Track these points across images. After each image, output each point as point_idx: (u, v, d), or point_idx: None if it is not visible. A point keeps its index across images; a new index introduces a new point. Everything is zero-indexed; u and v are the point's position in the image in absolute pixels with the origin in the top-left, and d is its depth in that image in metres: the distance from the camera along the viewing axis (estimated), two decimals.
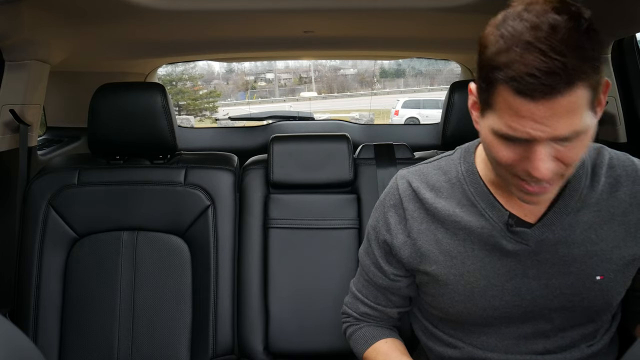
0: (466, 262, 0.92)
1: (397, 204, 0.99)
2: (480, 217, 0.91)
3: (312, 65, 13.86)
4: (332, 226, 1.47)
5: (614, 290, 0.91)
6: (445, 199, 0.95)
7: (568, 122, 0.73)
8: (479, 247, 0.92)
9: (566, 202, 0.90)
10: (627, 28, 1.37)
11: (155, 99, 1.41)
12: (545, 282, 0.90)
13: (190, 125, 6.25)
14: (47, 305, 1.39)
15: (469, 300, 0.93)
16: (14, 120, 1.46)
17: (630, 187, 0.91)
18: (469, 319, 0.95)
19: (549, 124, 0.73)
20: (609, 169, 0.93)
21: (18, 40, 1.35)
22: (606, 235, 0.90)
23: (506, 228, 0.89)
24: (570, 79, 0.70)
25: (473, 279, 0.92)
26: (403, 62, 10.37)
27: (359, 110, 10.39)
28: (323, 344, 1.40)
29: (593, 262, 0.89)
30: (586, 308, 0.91)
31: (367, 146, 1.58)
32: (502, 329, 0.94)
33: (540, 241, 0.89)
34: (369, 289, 1.07)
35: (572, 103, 0.72)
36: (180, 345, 1.38)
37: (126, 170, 1.49)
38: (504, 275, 0.91)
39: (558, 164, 0.77)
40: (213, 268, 1.41)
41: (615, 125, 1.51)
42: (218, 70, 13.51)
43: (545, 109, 0.72)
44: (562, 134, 0.74)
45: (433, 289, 0.97)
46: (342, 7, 1.46)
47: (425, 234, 0.95)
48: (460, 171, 0.96)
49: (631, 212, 0.91)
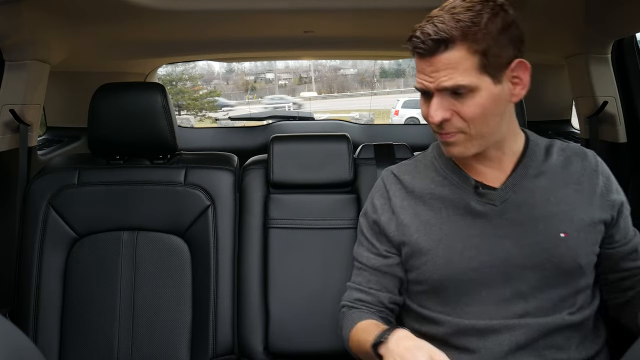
0: (443, 228, 1.04)
1: (381, 190, 1.14)
2: (451, 187, 1.06)
3: (312, 65, 13.86)
4: (332, 226, 1.47)
5: (579, 249, 1.01)
6: (421, 179, 1.10)
7: (449, 76, 0.93)
8: (453, 212, 1.04)
9: (524, 169, 1.04)
10: (627, 28, 1.37)
11: (155, 99, 1.41)
12: (515, 240, 1.01)
13: (190, 125, 6.25)
14: (47, 305, 1.39)
15: (449, 264, 1.02)
16: (14, 120, 1.46)
17: (580, 163, 1.07)
18: (451, 285, 1.03)
19: (434, 76, 0.94)
20: (561, 150, 1.09)
21: (18, 40, 1.35)
22: (563, 198, 1.03)
23: (474, 191, 1.03)
24: (445, 42, 0.92)
25: (451, 242, 1.03)
26: (403, 62, 10.36)
27: (359, 110, 10.38)
28: (323, 343, 1.40)
29: (555, 221, 1.01)
30: (556, 265, 1.00)
31: (367, 146, 1.58)
32: (483, 295, 1.01)
33: (505, 201, 1.02)
34: (362, 275, 1.13)
35: (450, 60, 0.93)
36: (180, 345, 1.38)
37: (126, 170, 1.49)
38: (478, 237, 1.02)
39: (456, 117, 0.96)
40: (213, 268, 1.41)
41: (615, 126, 1.51)
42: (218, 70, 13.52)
43: (429, 64, 0.95)
44: (446, 85, 0.94)
45: (417, 259, 1.05)
46: (342, 7, 1.46)
47: (406, 209, 1.08)
48: (433, 155, 1.13)
49: (583, 182, 1.05)
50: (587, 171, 1.06)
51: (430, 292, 1.06)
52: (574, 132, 2.15)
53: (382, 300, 1.11)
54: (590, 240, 1.03)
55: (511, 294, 1.00)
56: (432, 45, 0.93)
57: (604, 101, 1.49)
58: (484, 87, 0.94)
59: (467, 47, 0.92)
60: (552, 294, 1.00)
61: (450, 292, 1.03)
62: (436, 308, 1.06)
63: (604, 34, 1.41)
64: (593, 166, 1.07)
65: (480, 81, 0.94)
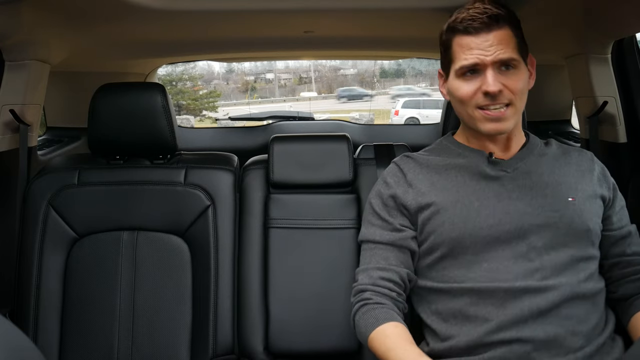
0: (460, 191, 1.12)
1: (393, 170, 1.21)
2: (465, 157, 1.16)
3: (312, 65, 13.82)
4: (332, 226, 1.47)
5: (586, 212, 1.10)
6: (435, 156, 1.20)
7: (504, 49, 1.05)
8: (469, 177, 1.13)
9: (529, 150, 1.16)
10: (627, 28, 1.37)
11: (155, 99, 1.41)
12: (527, 201, 1.09)
13: (190, 125, 6.25)
14: (47, 305, 1.39)
15: (468, 221, 1.08)
16: (14, 120, 1.46)
17: (577, 155, 1.19)
18: (469, 243, 1.08)
19: (490, 49, 1.05)
20: (558, 145, 1.21)
21: (18, 40, 1.35)
22: (567, 173, 1.14)
23: (487, 160, 1.13)
24: (497, 19, 1.05)
25: (467, 201, 1.10)
26: (403, 62, 10.36)
27: (359, 110, 10.37)
28: (323, 343, 1.40)
29: (562, 187, 1.11)
30: (567, 225, 1.08)
31: (367, 146, 1.58)
32: (500, 251, 1.07)
33: (515, 169, 1.13)
34: (377, 254, 1.15)
35: (502, 37, 1.05)
36: (180, 345, 1.38)
37: (126, 170, 1.49)
38: (493, 198, 1.10)
39: (505, 90, 1.06)
40: (213, 268, 1.41)
41: (615, 126, 1.51)
42: (218, 70, 13.48)
43: (485, 39, 1.05)
44: (502, 57, 1.05)
45: (435, 220, 1.11)
46: (342, 7, 1.46)
47: (422, 180, 1.16)
48: (442, 143, 1.23)
49: (582, 165, 1.17)
50: (584, 160, 1.18)
51: (448, 255, 1.10)
52: (574, 132, 2.15)
53: (402, 275, 1.13)
54: (594, 210, 1.12)
55: (527, 249, 1.06)
56: (488, 21, 1.05)
57: (604, 101, 1.49)
58: (522, 66, 1.09)
59: (510, 28, 1.07)
60: (564, 253, 1.06)
61: (468, 252, 1.08)
62: (454, 275, 1.09)
63: (604, 34, 1.41)
64: (589, 157, 1.20)
65: (520, 60, 1.08)
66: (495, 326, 1.02)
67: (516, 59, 1.07)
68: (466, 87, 1.08)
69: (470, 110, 1.09)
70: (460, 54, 1.07)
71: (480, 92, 1.06)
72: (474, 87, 1.07)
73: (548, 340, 1.00)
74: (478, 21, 1.05)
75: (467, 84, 1.08)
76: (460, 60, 1.08)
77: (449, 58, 1.11)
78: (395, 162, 1.22)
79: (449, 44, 1.10)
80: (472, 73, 1.08)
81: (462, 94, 1.09)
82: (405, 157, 1.22)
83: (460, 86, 1.09)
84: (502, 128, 1.09)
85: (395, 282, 1.12)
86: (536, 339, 1.00)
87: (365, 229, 1.20)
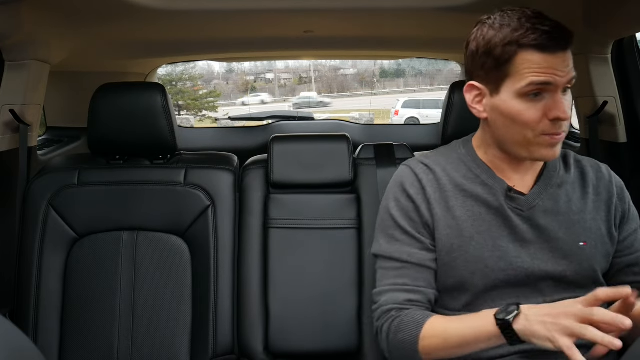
0: (475, 225, 1.05)
1: (411, 178, 1.11)
2: (484, 186, 1.08)
3: (312, 65, 13.82)
4: (332, 226, 1.47)
5: (596, 257, 1.06)
6: (451, 173, 1.10)
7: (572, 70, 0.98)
8: (486, 210, 1.06)
9: (548, 178, 1.09)
10: (627, 28, 1.37)
11: (155, 99, 1.41)
12: (540, 245, 1.05)
13: (190, 125, 6.25)
14: (47, 305, 1.39)
15: (480, 261, 1.03)
16: (14, 120, 1.46)
17: (594, 174, 1.12)
18: (479, 282, 1.04)
19: (566, 71, 0.97)
20: (576, 162, 1.14)
21: (18, 40, 1.35)
22: (583, 207, 1.08)
23: (506, 194, 1.06)
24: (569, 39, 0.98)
25: (482, 240, 1.04)
26: (403, 62, 10.35)
27: (359, 110, 10.37)
28: (323, 343, 1.40)
29: (576, 229, 1.06)
30: (576, 272, 1.04)
31: (367, 146, 1.58)
32: (507, 292, 1.04)
33: (532, 208, 1.06)
34: (404, 275, 1.06)
35: (570, 57, 0.99)
36: (180, 345, 1.38)
37: (126, 170, 1.49)
38: (507, 238, 1.04)
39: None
40: (213, 268, 1.41)
41: (615, 126, 1.51)
42: (218, 70, 13.48)
43: (563, 59, 0.97)
44: (571, 78, 0.98)
45: (447, 256, 1.06)
46: (342, 7, 1.46)
47: (439, 202, 1.08)
48: (460, 152, 1.13)
49: (601, 192, 1.10)
50: (603, 182, 1.11)
51: (457, 288, 1.06)
52: (574, 132, 2.15)
53: (430, 298, 1.06)
54: (605, 250, 1.08)
55: (531, 291, 1.04)
56: (567, 40, 0.98)
57: (604, 101, 1.49)
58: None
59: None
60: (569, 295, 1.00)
61: (476, 289, 1.04)
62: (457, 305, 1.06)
63: (604, 34, 1.41)
64: (607, 177, 1.12)
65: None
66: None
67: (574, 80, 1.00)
68: (531, 112, 0.98)
69: (532, 136, 0.99)
70: (527, 73, 0.96)
71: (549, 115, 0.97)
72: (539, 111, 0.98)
73: (546, 350, 1.00)
74: (554, 38, 0.96)
75: (532, 106, 0.98)
76: (526, 77, 0.96)
77: (504, 73, 0.99)
78: (412, 169, 1.13)
79: (510, 58, 0.98)
80: (537, 95, 0.98)
81: (527, 118, 0.98)
82: (423, 167, 1.12)
83: (524, 108, 0.98)
84: (557, 154, 1.03)
85: (421, 303, 1.06)
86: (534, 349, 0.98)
87: (386, 244, 1.10)
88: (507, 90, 0.99)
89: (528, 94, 0.98)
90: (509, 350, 0.99)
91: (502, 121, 1.02)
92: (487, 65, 1.01)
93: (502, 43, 0.98)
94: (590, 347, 0.93)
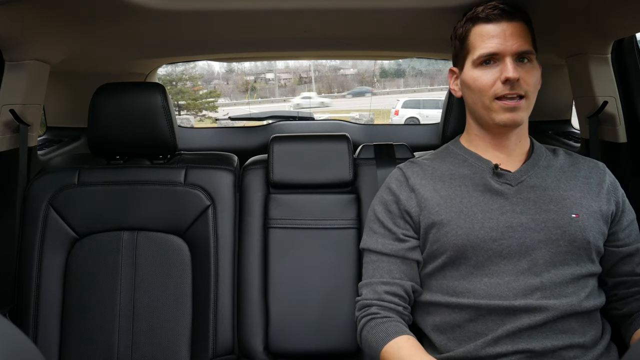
0: (463, 201, 1.10)
1: (397, 175, 1.20)
2: (470, 167, 1.15)
3: (312, 65, 13.83)
4: (332, 226, 1.47)
5: (589, 229, 1.08)
6: (439, 163, 1.18)
7: (523, 41, 1.08)
8: (473, 188, 1.12)
9: (535, 160, 1.15)
10: (627, 28, 1.37)
11: (155, 99, 1.42)
12: (531, 216, 1.08)
13: (190, 125, 6.25)
14: (47, 305, 1.39)
15: (471, 233, 1.07)
16: (14, 120, 1.46)
17: (587, 165, 1.17)
18: (472, 254, 1.07)
19: (512, 40, 1.07)
20: (567, 154, 1.20)
21: (18, 40, 1.35)
22: (573, 187, 1.12)
23: (492, 171, 1.12)
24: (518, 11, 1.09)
25: (471, 213, 1.09)
26: (403, 62, 10.37)
27: (359, 110, 10.37)
28: (323, 343, 1.40)
29: (567, 203, 1.09)
30: (569, 242, 1.07)
31: (367, 146, 1.58)
32: (501, 266, 1.06)
33: (520, 182, 1.11)
34: (380, 266, 1.14)
35: (522, 29, 1.08)
36: (180, 345, 1.38)
37: (126, 170, 1.49)
38: (497, 210, 1.09)
39: (522, 80, 1.07)
40: (213, 268, 1.41)
41: (615, 126, 1.51)
42: (218, 70, 13.48)
43: (508, 27, 1.07)
44: (522, 49, 1.07)
45: (438, 231, 1.10)
46: (342, 7, 1.46)
47: (425, 186, 1.14)
48: (449, 147, 1.22)
49: (591, 177, 1.15)
50: (595, 172, 1.16)
51: (449, 264, 1.09)
52: (574, 132, 2.15)
53: (407, 289, 1.12)
54: (598, 226, 1.10)
55: (528, 266, 1.05)
56: (510, 10, 1.08)
57: (604, 101, 1.49)
58: (535, 62, 1.11)
59: (526, 24, 1.10)
60: (566, 271, 1.05)
61: (470, 262, 1.07)
62: (454, 286, 1.08)
63: (604, 34, 1.41)
64: (600, 170, 1.17)
65: (534, 55, 1.11)
66: (492, 340, 1.02)
67: (532, 52, 1.09)
68: (485, 76, 1.09)
69: (487, 101, 1.09)
70: (480, 43, 1.09)
71: (499, 80, 1.07)
72: (492, 75, 1.08)
73: (544, 351, 1.00)
74: (499, 9, 1.07)
75: (485, 72, 1.09)
76: (479, 48, 1.09)
77: (465, 50, 1.12)
78: (399, 167, 1.22)
79: (467, 34, 1.12)
80: (489, 63, 1.09)
81: (481, 82, 1.09)
82: (409, 163, 1.22)
83: (478, 75, 1.09)
84: (516, 118, 1.09)
85: (400, 296, 1.12)
86: (533, 351, 1.00)
87: (367, 237, 1.19)
88: (468, 64, 1.12)
89: (481, 63, 1.09)
90: (508, 349, 1.00)
91: (466, 92, 1.14)
92: (456, 47, 1.16)
93: (461, 24, 1.14)
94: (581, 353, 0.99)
